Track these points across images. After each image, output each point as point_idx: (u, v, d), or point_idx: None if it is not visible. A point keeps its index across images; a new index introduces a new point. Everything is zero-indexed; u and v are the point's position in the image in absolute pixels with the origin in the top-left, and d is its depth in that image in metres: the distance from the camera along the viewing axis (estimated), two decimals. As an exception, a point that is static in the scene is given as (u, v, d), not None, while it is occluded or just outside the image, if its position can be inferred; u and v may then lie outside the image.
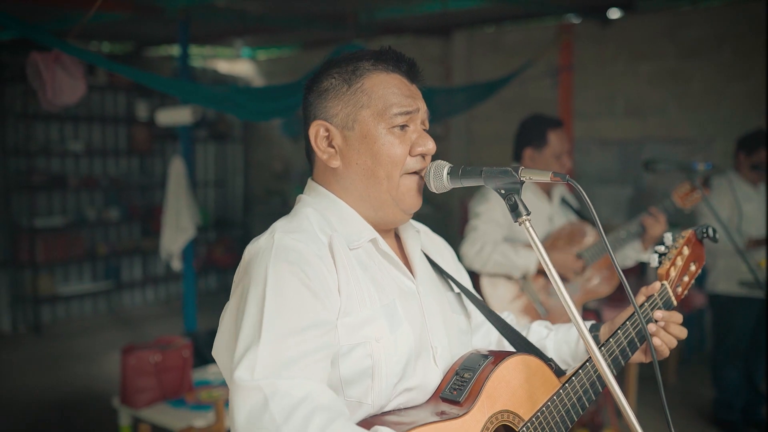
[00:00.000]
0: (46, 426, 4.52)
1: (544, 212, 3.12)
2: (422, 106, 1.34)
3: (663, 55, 6.27)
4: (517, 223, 1.20)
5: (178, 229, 4.98)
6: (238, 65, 8.83)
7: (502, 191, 1.22)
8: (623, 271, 3.75)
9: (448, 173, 1.28)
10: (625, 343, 1.40)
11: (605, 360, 1.32)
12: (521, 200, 1.20)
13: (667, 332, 1.40)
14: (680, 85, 6.24)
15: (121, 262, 7.86)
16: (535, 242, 1.18)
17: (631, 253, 3.08)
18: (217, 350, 1.23)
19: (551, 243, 3.07)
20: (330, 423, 1.05)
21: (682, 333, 1.41)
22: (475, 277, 3.05)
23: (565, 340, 1.52)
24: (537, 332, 1.57)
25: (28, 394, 5.10)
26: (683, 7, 6.08)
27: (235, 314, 1.19)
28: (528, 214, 1.20)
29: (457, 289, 1.48)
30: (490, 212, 3.02)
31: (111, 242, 7.72)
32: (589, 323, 1.53)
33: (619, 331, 1.40)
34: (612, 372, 1.36)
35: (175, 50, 7.82)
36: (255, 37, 7.52)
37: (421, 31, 7.36)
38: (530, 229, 1.19)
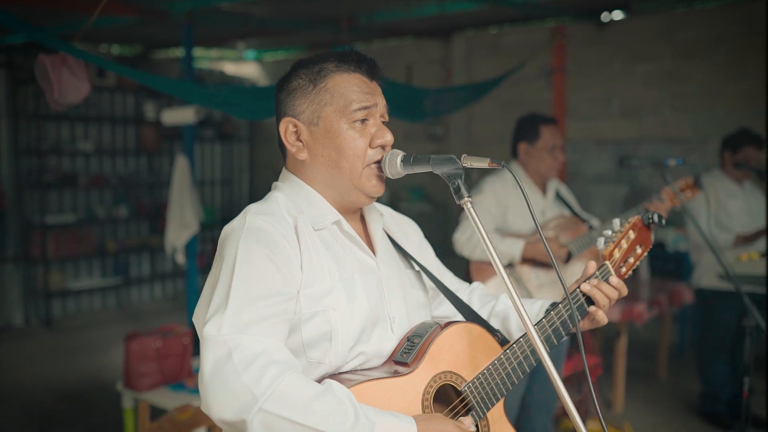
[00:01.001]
0: (55, 412, 4.70)
1: (538, 206, 3.28)
2: (381, 101, 1.48)
3: (659, 56, 6.39)
4: (459, 205, 1.35)
5: (182, 225, 5.16)
6: (245, 67, 9.02)
7: (447, 176, 1.36)
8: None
9: (401, 161, 1.43)
10: (566, 316, 1.54)
11: (539, 334, 1.45)
12: (464, 184, 1.34)
13: (600, 290, 1.54)
14: (676, 86, 6.35)
15: (130, 258, 8.05)
16: (475, 222, 1.32)
17: None
18: (196, 316, 1.38)
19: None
20: (282, 373, 1.20)
21: (613, 293, 1.55)
22: (466, 262, 3.22)
23: (528, 312, 1.67)
24: (503, 302, 1.72)
25: (39, 383, 5.30)
26: (679, 8, 6.18)
27: (211, 284, 1.35)
28: (469, 196, 1.34)
29: (417, 267, 1.63)
30: (483, 203, 3.20)
31: (120, 239, 7.91)
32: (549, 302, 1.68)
33: (560, 306, 1.55)
34: (553, 341, 1.52)
35: (181, 53, 8.00)
36: (261, 40, 7.67)
37: (422, 33, 7.51)
38: (471, 210, 1.33)
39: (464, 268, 3.24)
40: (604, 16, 6.40)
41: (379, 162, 1.45)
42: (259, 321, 1.25)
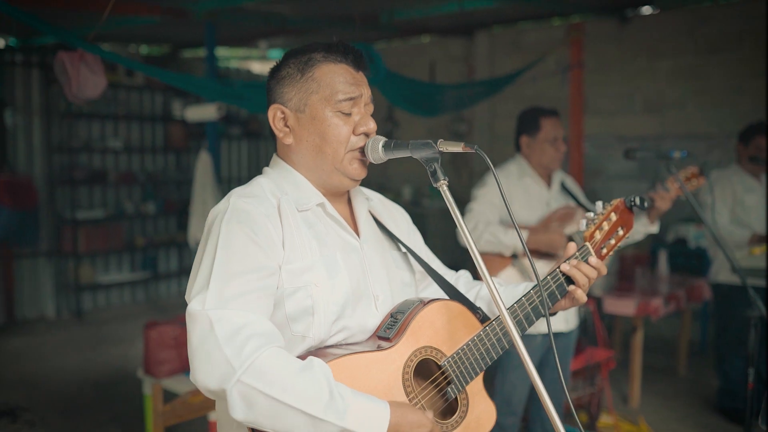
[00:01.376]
0: (82, 399, 4.88)
1: (543, 197, 3.31)
2: (366, 92, 1.54)
3: (682, 52, 6.34)
4: (436, 187, 1.41)
5: (204, 218, 5.28)
6: (270, 66, 9.14)
7: (425, 160, 1.42)
8: (634, 244, 3.92)
9: (382, 146, 1.49)
10: (545, 294, 1.59)
11: (511, 317, 1.53)
12: (440, 167, 1.40)
13: (579, 270, 1.59)
14: (699, 82, 6.30)
15: (158, 253, 8.24)
16: (450, 204, 1.38)
17: (639, 227, 3.21)
18: (187, 295, 1.46)
19: (545, 222, 3.25)
20: (262, 346, 1.27)
21: (592, 272, 1.60)
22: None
23: (512, 295, 1.73)
24: None
25: (68, 372, 5.49)
26: (703, 4, 6.13)
27: (197, 264, 1.43)
28: (445, 179, 1.40)
29: (403, 249, 1.70)
30: (487, 195, 3.25)
31: (148, 234, 8.11)
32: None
33: (539, 286, 1.60)
34: (532, 318, 1.58)
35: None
36: (284, 39, 7.79)
37: (445, 31, 7.56)
38: (446, 192, 1.39)
39: (472, 263, 3.28)
40: (629, 12, 6.38)
41: (361, 148, 1.52)
42: (241, 296, 1.33)
